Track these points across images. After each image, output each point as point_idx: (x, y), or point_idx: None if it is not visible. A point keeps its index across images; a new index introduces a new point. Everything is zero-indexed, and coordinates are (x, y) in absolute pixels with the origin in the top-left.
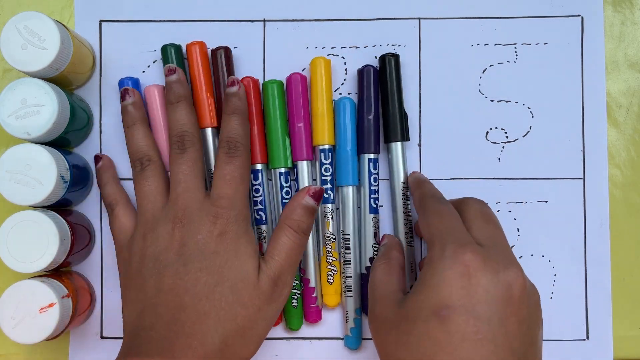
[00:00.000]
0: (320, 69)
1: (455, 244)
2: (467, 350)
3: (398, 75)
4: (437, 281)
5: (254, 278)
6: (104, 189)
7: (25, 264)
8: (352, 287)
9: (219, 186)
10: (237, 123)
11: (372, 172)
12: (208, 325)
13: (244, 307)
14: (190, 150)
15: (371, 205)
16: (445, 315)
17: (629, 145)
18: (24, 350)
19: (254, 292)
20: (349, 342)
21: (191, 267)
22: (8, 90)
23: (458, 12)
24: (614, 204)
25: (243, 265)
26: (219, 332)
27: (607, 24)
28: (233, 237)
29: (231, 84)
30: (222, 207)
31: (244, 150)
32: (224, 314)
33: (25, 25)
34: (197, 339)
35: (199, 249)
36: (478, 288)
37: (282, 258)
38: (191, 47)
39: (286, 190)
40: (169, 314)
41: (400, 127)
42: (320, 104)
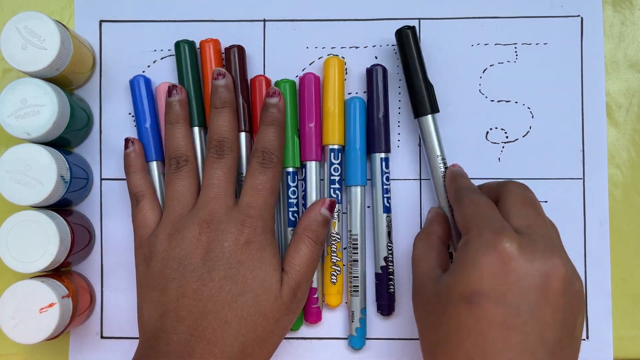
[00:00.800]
0: (334, 68)
1: (491, 229)
2: (493, 338)
3: (418, 47)
4: (469, 266)
5: (276, 290)
6: (132, 177)
7: (25, 264)
8: (358, 287)
9: (250, 195)
10: (275, 135)
11: (384, 171)
12: (229, 334)
13: (265, 319)
14: (227, 157)
15: (384, 205)
16: (474, 301)
17: (629, 145)
18: (24, 350)
19: (275, 303)
20: (354, 342)
21: (216, 274)
22: (8, 90)
23: (458, 12)
24: (614, 204)
25: (267, 276)
26: (239, 341)
27: (607, 24)
28: (259, 247)
29: (272, 94)
30: (251, 217)
31: (277, 162)
32: (245, 323)
33: (25, 25)
34: (218, 346)
35: (225, 256)
36: (511, 276)
37: (302, 268)
38: (205, 44)
39: (292, 190)
40: (191, 319)
41: (429, 100)
42: (332, 103)
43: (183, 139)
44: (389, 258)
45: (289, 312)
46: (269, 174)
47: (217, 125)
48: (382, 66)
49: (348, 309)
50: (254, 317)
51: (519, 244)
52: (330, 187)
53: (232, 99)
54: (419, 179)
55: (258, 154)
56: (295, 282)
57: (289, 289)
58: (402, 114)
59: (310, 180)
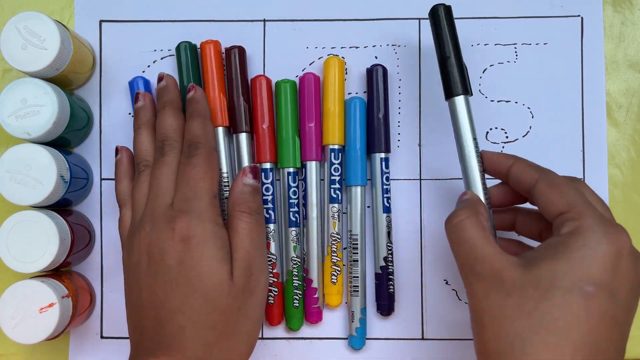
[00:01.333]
0: (334, 68)
1: (611, 221)
2: (602, 332)
3: (452, 26)
4: (587, 254)
5: (226, 282)
6: (116, 186)
7: (25, 264)
8: (358, 287)
9: (181, 190)
10: (196, 124)
11: (384, 171)
12: (187, 339)
13: (222, 314)
14: (169, 155)
15: (384, 205)
16: (590, 292)
17: (629, 145)
18: (24, 350)
19: (229, 295)
20: (354, 342)
21: (160, 280)
22: (8, 90)
23: (458, 12)
24: (614, 204)
25: (213, 271)
26: (201, 343)
27: (607, 24)
28: (199, 241)
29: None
30: (182, 212)
31: (203, 148)
32: (201, 325)
33: (25, 25)
34: (180, 351)
35: (164, 259)
36: (623, 272)
37: (246, 245)
38: (205, 45)
39: (293, 190)
40: (152, 327)
41: (461, 80)
42: (332, 103)
43: (144, 144)
44: (388, 258)
45: (250, 294)
46: (196, 161)
47: (159, 126)
48: (382, 66)
49: (348, 309)
50: (209, 316)
51: (631, 241)
52: (331, 187)
53: (172, 98)
54: (419, 179)
55: (185, 148)
56: (245, 263)
57: (240, 273)
58: (402, 114)
59: (310, 180)
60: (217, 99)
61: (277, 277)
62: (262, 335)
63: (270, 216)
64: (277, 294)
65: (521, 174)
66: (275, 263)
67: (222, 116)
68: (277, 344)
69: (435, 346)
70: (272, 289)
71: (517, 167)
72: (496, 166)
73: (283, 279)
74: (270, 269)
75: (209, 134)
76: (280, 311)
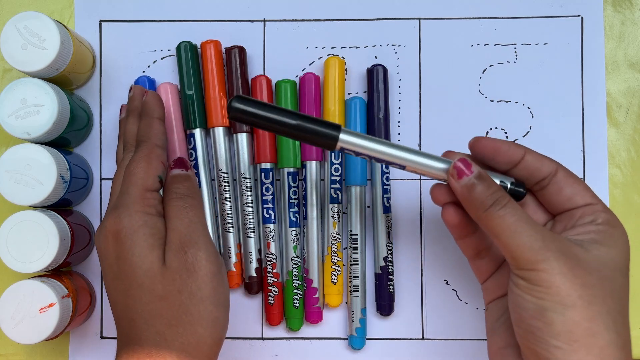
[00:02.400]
0: (334, 68)
1: (614, 216)
2: (626, 307)
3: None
4: (622, 242)
5: (158, 267)
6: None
7: (25, 264)
8: (358, 287)
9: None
10: (142, 124)
11: (384, 171)
12: (138, 330)
13: (161, 299)
14: (125, 158)
15: (384, 205)
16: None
17: (629, 145)
18: (24, 350)
19: (164, 279)
20: (354, 342)
21: (109, 278)
22: (8, 90)
23: (458, 12)
24: (614, 204)
25: (143, 260)
26: (152, 332)
27: (607, 24)
28: (127, 233)
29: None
30: (112, 208)
31: (144, 145)
32: (146, 314)
33: (25, 25)
34: (137, 344)
35: (107, 258)
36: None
37: (177, 225)
38: (206, 45)
39: (293, 190)
40: (117, 325)
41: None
42: (332, 103)
43: (129, 129)
44: (388, 258)
45: (188, 273)
46: (134, 157)
47: (124, 131)
48: (382, 66)
49: (348, 309)
50: (151, 305)
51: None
52: (331, 187)
53: (136, 106)
54: (419, 179)
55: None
56: (177, 244)
57: (172, 254)
58: (402, 114)
59: (310, 180)
60: (218, 99)
61: (277, 277)
62: (262, 335)
63: (271, 216)
64: (277, 294)
65: (538, 163)
66: (275, 263)
67: (222, 116)
68: (277, 344)
69: (435, 346)
70: (272, 289)
71: (533, 156)
72: (509, 155)
73: (283, 279)
74: (270, 269)
75: (152, 131)
76: (280, 311)
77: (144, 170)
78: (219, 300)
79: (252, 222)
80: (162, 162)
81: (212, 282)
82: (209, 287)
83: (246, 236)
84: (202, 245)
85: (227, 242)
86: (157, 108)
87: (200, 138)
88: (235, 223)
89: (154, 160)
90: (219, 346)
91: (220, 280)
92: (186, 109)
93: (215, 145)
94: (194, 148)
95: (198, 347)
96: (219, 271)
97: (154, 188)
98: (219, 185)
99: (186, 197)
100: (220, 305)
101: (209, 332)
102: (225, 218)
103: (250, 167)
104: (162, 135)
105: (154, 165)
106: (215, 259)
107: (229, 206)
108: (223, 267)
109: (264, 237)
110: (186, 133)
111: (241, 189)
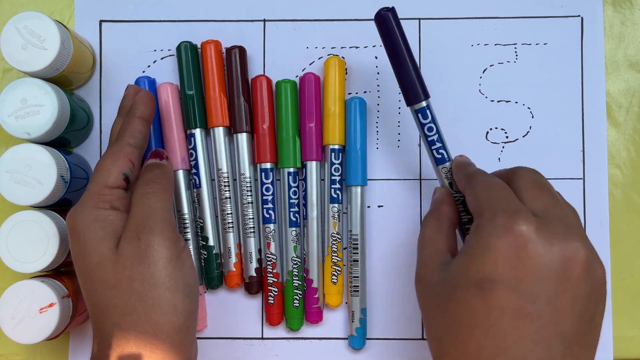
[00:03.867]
0: (334, 68)
1: (507, 211)
2: (505, 327)
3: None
4: (482, 250)
5: (109, 257)
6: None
7: (25, 264)
8: (358, 286)
9: None
10: (116, 122)
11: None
12: (99, 323)
13: (113, 289)
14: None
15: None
16: (487, 287)
17: (629, 145)
18: (24, 350)
19: (115, 267)
20: (354, 342)
21: (77, 275)
22: (8, 90)
23: (458, 12)
24: (614, 204)
25: (93, 253)
26: (109, 322)
27: (607, 24)
28: (79, 230)
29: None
30: (75, 203)
31: (114, 142)
32: (103, 305)
33: (25, 25)
34: (100, 337)
35: (72, 254)
36: (527, 261)
37: (135, 212)
38: (206, 45)
39: (294, 190)
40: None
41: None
42: (332, 103)
43: (114, 128)
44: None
45: (141, 259)
46: (103, 155)
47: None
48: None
49: (348, 309)
50: (104, 295)
51: (536, 227)
52: (331, 187)
53: (125, 105)
54: (419, 179)
55: None
56: (132, 231)
57: (126, 241)
58: (402, 114)
59: (310, 180)
60: (218, 99)
61: (277, 277)
62: (262, 336)
63: (271, 216)
64: (277, 294)
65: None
66: (275, 263)
67: (222, 116)
68: (277, 344)
69: None
70: (272, 289)
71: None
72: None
73: (283, 279)
74: (270, 269)
75: (128, 129)
76: (280, 311)
77: (107, 168)
78: (176, 286)
79: (252, 222)
80: (131, 160)
81: (167, 267)
82: (164, 273)
83: (246, 236)
84: (157, 230)
85: (227, 242)
86: (141, 107)
87: (200, 138)
88: (235, 223)
89: (120, 159)
90: (182, 334)
91: (179, 266)
92: (186, 109)
93: (215, 145)
94: (194, 148)
95: (156, 336)
96: (176, 257)
97: (116, 185)
98: (219, 185)
99: (152, 182)
100: (178, 291)
101: (167, 319)
102: (225, 218)
103: (250, 167)
104: (137, 134)
105: (119, 163)
106: (172, 245)
107: (229, 206)
108: (185, 253)
109: (264, 237)
110: (186, 133)
111: (241, 189)
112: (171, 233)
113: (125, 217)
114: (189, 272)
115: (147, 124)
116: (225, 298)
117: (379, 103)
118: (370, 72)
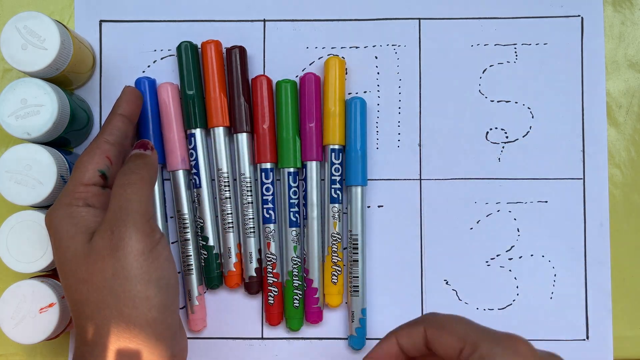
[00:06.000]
0: (334, 68)
1: (501, 335)
2: None
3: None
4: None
5: (81, 251)
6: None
7: (25, 264)
8: (358, 287)
9: None
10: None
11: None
12: (76, 315)
13: (85, 283)
14: None
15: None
16: None
17: (629, 145)
18: (24, 350)
19: (87, 261)
20: (354, 342)
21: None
22: (8, 90)
23: (458, 12)
24: (614, 204)
25: (65, 249)
26: (84, 318)
27: (607, 24)
28: (54, 228)
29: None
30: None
31: (94, 140)
32: (77, 302)
33: (25, 25)
34: (80, 334)
35: (52, 252)
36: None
37: (111, 205)
38: (206, 45)
39: (294, 190)
40: None
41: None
42: (333, 103)
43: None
44: None
45: (112, 252)
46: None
47: None
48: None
49: (348, 309)
50: (77, 290)
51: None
52: (331, 187)
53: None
54: (419, 179)
55: None
56: (107, 223)
57: (99, 235)
58: (402, 114)
59: (310, 181)
60: (218, 99)
61: (277, 277)
62: (262, 335)
63: (271, 216)
64: (277, 294)
65: (409, 338)
66: (275, 263)
67: (222, 116)
68: (277, 344)
69: None
70: (272, 289)
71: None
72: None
73: (283, 279)
74: (270, 269)
75: (107, 127)
76: (280, 311)
77: (83, 165)
78: (149, 279)
79: (252, 222)
80: (108, 156)
81: (139, 260)
82: (135, 265)
83: (246, 236)
84: (130, 223)
85: (227, 242)
86: (123, 104)
87: (200, 138)
88: (235, 223)
89: (96, 156)
90: (157, 328)
91: (152, 259)
92: (186, 109)
93: (215, 145)
94: (194, 148)
95: (129, 330)
96: (149, 249)
97: (91, 182)
98: (219, 185)
99: (131, 173)
100: (150, 283)
101: (139, 312)
102: (225, 218)
103: (250, 167)
104: (115, 131)
105: (95, 160)
106: (145, 238)
107: (229, 206)
108: (161, 245)
109: (264, 237)
110: (186, 133)
111: (241, 189)
112: (144, 225)
113: (100, 213)
114: (165, 264)
115: (127, 120)
116: (225, 298)
117: (379, 103)
118: (370, 72)
